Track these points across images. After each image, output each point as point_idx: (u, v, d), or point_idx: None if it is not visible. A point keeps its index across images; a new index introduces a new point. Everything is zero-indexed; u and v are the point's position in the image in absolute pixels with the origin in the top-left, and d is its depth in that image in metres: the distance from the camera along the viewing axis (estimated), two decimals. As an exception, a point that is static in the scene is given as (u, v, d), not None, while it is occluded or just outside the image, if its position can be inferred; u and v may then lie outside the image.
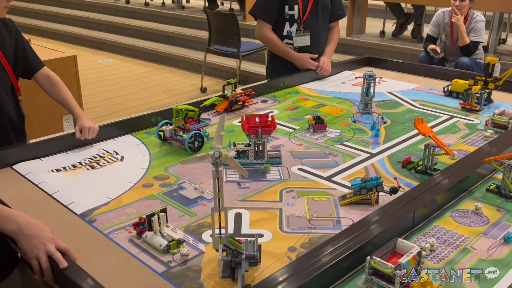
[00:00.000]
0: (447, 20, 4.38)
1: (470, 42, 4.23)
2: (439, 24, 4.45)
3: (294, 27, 2.86)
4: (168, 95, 5.67)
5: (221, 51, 5.51)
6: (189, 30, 7.29)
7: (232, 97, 2.37)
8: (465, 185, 1.61)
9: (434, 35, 4.50)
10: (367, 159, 1.88)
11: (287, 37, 2.90)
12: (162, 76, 6.50)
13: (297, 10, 2.83)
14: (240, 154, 1.84)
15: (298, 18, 2.84)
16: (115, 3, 8.73)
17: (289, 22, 2.87)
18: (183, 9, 7.96)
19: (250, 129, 1.80)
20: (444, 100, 2.57)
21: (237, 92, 2.41)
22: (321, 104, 2.51)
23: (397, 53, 5.35)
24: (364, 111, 2.36)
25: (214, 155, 1.18)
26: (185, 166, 1.79)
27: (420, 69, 3.12)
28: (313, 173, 1.77)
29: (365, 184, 1.53)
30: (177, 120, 1.99)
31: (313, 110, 2.42)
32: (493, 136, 2.07)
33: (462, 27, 4.17)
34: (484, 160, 1.62)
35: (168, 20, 7.77)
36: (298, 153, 1.94)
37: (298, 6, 2.83)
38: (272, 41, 2.89)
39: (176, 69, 6.77)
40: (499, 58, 2.54)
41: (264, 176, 1.74)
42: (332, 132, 2.14)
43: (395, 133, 2.14)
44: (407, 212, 1.38)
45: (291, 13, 2.84)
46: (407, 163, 1.80)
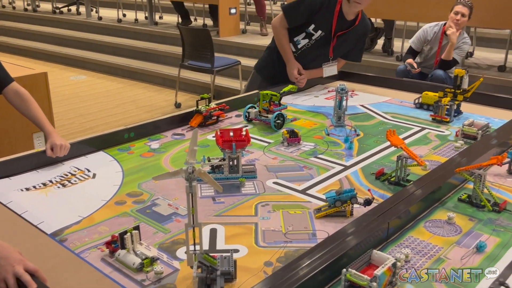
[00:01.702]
0: (438, 33, 4.44)
1: (452, 58, 4.32)
2: (426, 39, 4.50)
3: (305, 42, 2.92)
4: (142, 111, 5.62)
5: (195, 67, 5.50)
6: (163, 46, 7.27)
7: (206, 112, 2.36)
8: (437, 195, 1.63)
9: (417, 48, 4.55)
10: (341, 171, 1.89)
11: (294, 44, 2.95)
12: (136, 92, 6.45)
13: (318, 34, 2.88)
14: (214, 169, 1.83)
15: (314, 39, 2.90)
16: (87, 19, 8.66)
17: (305, 35, 2.92)
18: (156, 25, 7.94)
19: (224, 144, 1.79)
20: (415, 112, 2.61)
21: (211, 107, 2.40)
22: (295, 118, 2.52)
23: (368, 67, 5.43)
24: (338, 124, 2.38)
25: (188, 170, 1.16)
26: (159, 182, 1.76)
27: (391, 82, 3.17)
28: (288, 186, 1.76)
29: (340, 197, 1.53)
30: (263, 103, 2.38)
31: (287, 124, 2.43)
32: (463, 147, 2.10)
33: (454, 41, 4.24)
34: (455, 171, 1.64)
35: (141, 36, 7.74)
36: (273, 166, 1.93)
37: (321, 33, 2.87)
38: (280, 34, 2.94)
39: (150, 85, 6.73)
40: (467, 70, 2.60)
41: (239, 191, 1.73)
42: (306, 145, 2.15)
43: (368, 145, 2.15)
44: (381, 224, 1.39)
45: (312, 33, 2.90)
46: (381, 175, 1.81)
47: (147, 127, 2.26)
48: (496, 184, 1.76)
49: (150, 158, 2.00)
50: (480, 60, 5.47)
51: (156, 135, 2.25)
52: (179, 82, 5.85)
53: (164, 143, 2.16)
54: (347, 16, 2.85)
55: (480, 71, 4.99)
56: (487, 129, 2.24)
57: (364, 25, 2.96)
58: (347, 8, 2.83)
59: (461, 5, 4.26)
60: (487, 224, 1.50)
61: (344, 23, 2.87)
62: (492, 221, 1.51)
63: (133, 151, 2.08)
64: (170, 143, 2.16)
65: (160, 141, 2.19)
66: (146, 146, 2.13)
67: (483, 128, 2.21)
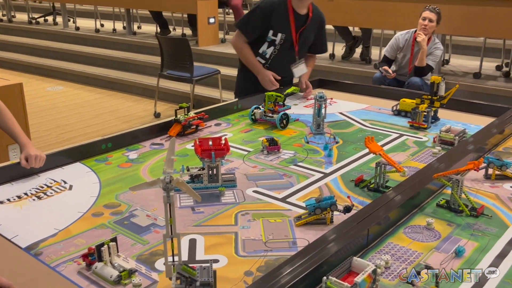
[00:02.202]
0: (409, 40, 4.50)
1: (426, 64, 4.38)
2: (398, 46, 4.56)
3: (271, 49, 2.96)
4: (121, 121, 5.56)
5: (174, 76, 5.48)
6: (141, 56, 7.23)
7: (185, 121, 2.35)
8: (416, 201, 1.64)
9: (391, 56, 4.61)
10: (320, 179, 1.89)
11: (261, 55, 2.99)
12: (114, 102, 6.39)
13: (279, 38, 2.92)
14: (194, 178, 1.81)
15: (278, 44, 2.95)
16: (64, 29, 8.57)
17: (268, 44, 2.97)
18: (135, 35, 7.89)
19: (204, 153, 1.77)
20: (393, 119, 2.64)
21: (190, 116, 2.39)
22: (275, 126, 2.52)
23: (346, 75, 5.48)
24: (317, 132, 2.39)
25: (165, 180, 1.15)
26: (137, 193, 1.74)
27: (369, 89, 3.20)
28: (268, 194, 1.76)
29: (319, 204, 1.53)
30: (268, 104, 2.53)
31: (266, 132, 2.43)
32: (441, 153, 2.13)
33: (425, 47, 4.30)
34: (433, 176, 1.66)
35: (119, 46, 7.69)
36: (253, 175, 1.93)
37: (282, 36, 2.92)
38: (243, 50, 3.00)
39: (129, 95, 6.67)
40: (443, 77, 2.64)
41: (218, 200, 1.72)
42: (286, 153, 2.15)
43: (347, 152, 2.16)
44: (361, 230, 1.39)
45: (273, 38, 2.94)
46: (360, 182, 1.82)
47: (125, 137, 2.24)
48: (474, 189, 1.79)
49: (128, 169, 1.98)
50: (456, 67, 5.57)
51: (134, 145, 2.23)
52: (158, 91, 5.81)
53: (142, 153, 2.14)
54: (300, 11, 2.92)
55: (456, 78, 5.07)
56: (463, 135, 2.28)
57: (319, 14, 3.04)
58: (298, 3, 2.90)
59: (428, 11, 4.33)
60: (465, 229, 1.51)
61: (299, 18, 2.93)
62: (470, 226, 1.53)
63: (111, 162, 2.05)
64: (148, 153, 2.15)
65: (138, 151, 2.16)
66: (124, 157, 2.11)
67: (459, 134, 2.24)
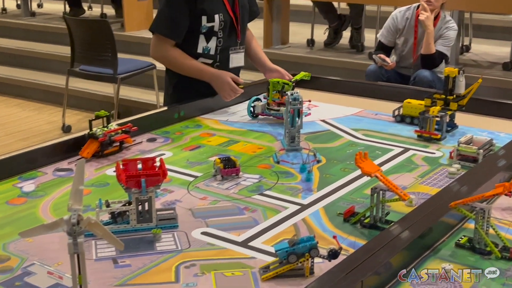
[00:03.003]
0: (411, 20, 4.55)
1: (436, 51, 4.41)
2: (396, 28, 4.60)
3: (214, 41, 2.97)
4: (14, 139, 5.49)
5: (91, 73, 5.44)
6: (43, 46, 7.18)
7: (104, 137, 2.32)
8: (428, 240, 1.66)
9: (388, 42, 4.62)
10: (296, 213, 1.89)
11: (204, 55, 2.98)
12: (5, 111, 6.32)
13: (218, 21, 2.94)
14: (116, 217, 1.79)
15: (219, 31, 2.97)
16: None
17: (206, 36, 2.96)
18: (34, 17, 7.85)
19: (129, 180, 1.75)
20: (395, 128, 2.68)
21: (112, 129, 2.37)
22: (232, 141, 2.52)
23: (331, 68, 5.56)
24: (291, 148, 2.39)
25: (70, 220, 1.12)
26: (34, 240, 1.70)
27: (362, 88, 3.25)
28: (223, 237, 1.75)
29: (295, 248, 1.53)
30: (273, 94, 2.75)
31: (221, 150, 2.43)
32: (460, 172, 2.16)
33: (431, 29, 4.33)
34: (450, 205, 1.67)
35: (12, 32, 7.61)
36: (202, 210, 1.92)
37: (220, 16, 2.94)
38: (177, 60, 2.96)
39: (26, 101, 6.61)
40: (462, 70, 2.68)
41: (152, 247, 1.70)
42: (248, 179, 2.15)
43: (332, 175, 2.17)
44: (353, 283, 1.39)
45: (211, 25, 2.94)
46: (350, 215, 1.83)
47: (17, 161, 2.21)
48: (505, 221, 1.81)
49: (22, 206, 1.95)
50: (479, 56, 5.73)
51: (30, 173, 2.20)
52: (68, 95, 5.76)
53: (42, 184, 2.12)
54: None
55: (479, 71, 5.21)
56: (490, 147, 2.33)
57: None
58: None
59: None
60: (496, 278, 1.52)
61: None
62: (502, 273, 1.54)
63: (-4, 197, 2.02)
64: (51, 183, 2.12)
65: (37, 181, 2.14)
66: (15, 189, 2.08)
67: (485, 146, 2.29)
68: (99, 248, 1.69)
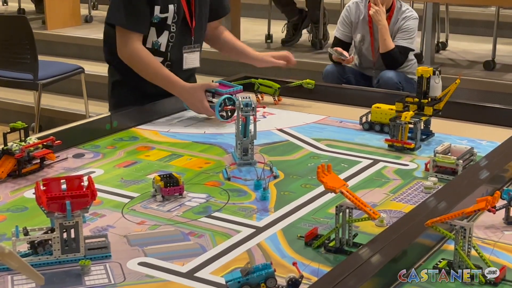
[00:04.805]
0: (364, 14, 4.59)
1: (395, 47, 4.46)
2: (351, 21, 4.64)
3: (165, 36, 2.98)
4: None
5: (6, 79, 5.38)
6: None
7: (21, 152, 2.29)
8: (402, 265, 1.66)
9: (345, 38, 4.67)
10: (250, 236, 1.89)
11: (154, 51, 2.99)
12: None
13: (171, 13, 2.95)
14: (37, 247, 1.77)
15: (172, 24, 2.98)
16: None
17: (157, 28, 2.97)
18: None
19: (52, 203, 1.72)
20: (362, 137, 2.71)
21: (30, 143, 2.34)
22: (174, 155, 2.52)
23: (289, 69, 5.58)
24: (243, 162, 2.40)
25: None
26: None
27: (324, 92, 3.27)
28: (164, 268, 1.74)
29: (248, 278, 1.53)
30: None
31: (161, 165, 2.42)
32: (437, 186, 2.19)
33: (384, 23, 4.37)
34: (426, 224, 1.69)
35: None
36: (139, 236, 1.90)
37: (174, 7, 2.95)
38: (151, 62, 2.96)
39: None
40: (438, 69, 2.69)
41: (80, 281, 1.68)
42: (194, 199, 2.14)
43: (292, 192, 2.18)
44: (316, 318, 1.39)
45: (164, 16, 2.95)
46: (313, 238, 1.83)
47: None
48: (489, 241, 1.84)
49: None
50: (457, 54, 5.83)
51: None
52: (-21, 105, 5.67)
53: None
54: None
55: (457, 70, 5.30)
56: (470, 156, 2.36)
57: None
58: None
59: None
60: (479, 306, 1.55)
61: None
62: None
63: None
64: (-43, 210, 2.08)
65: None
66: None
67: (465, 156, 2.32)
68: (16, 284, 1.65)
